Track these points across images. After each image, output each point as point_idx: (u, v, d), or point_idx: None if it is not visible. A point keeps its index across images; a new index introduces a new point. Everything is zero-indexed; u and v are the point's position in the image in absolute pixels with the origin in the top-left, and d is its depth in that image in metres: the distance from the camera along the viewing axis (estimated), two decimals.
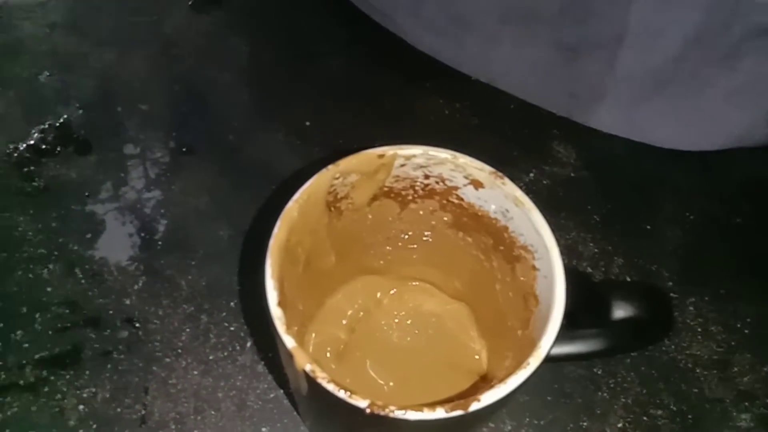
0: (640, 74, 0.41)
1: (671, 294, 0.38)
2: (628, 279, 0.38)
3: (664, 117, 0.43)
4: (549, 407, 0.34)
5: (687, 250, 0.39)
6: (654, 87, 0.42)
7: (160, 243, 0.38)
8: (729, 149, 0.43)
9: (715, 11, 0.37)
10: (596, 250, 0.39)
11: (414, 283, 0.34)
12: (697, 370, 0.35)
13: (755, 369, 0.36)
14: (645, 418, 0.34)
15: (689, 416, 0.34)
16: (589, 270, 0.38)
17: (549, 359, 0.29)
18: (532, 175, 0.42)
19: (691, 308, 0.37)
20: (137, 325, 0.35)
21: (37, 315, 0.35)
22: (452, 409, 0.21)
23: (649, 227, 0.40)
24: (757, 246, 0.40)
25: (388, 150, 0.27)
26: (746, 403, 0.35)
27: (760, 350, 0.36)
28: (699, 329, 0.37)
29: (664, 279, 0.38)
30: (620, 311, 0.29)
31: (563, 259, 0.38)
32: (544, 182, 0.42)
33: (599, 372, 0.35)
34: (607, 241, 0.39)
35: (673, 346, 0.36)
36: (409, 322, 0.33)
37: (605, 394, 0.34)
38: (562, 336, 0.29)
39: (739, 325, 0.37)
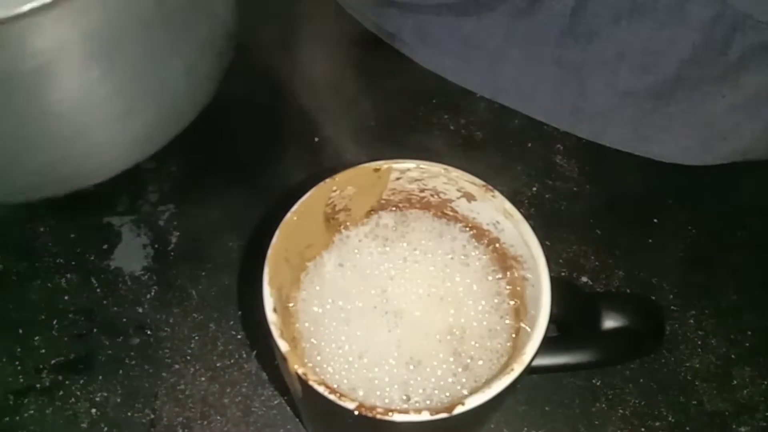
0: (641, 91, 0.42)
1: (672, 307, 0.38)
2: (629, 291, 0.38)
3: (667, 132, 0.43)
4: (547, 417, 0.34)
5: (688, 264, 0.40)
6: (655, 103, 0.42)
7: (172, 254, 0.40)
8: (731, 163, 0.43)
9: (713, 31, 0.38)
10: (597, 263, 0.39)
11: None
12: (697, 383, 0.36)
13: (755, 382, 0.36)
14: (643, 429, 0.34)
15: (687, 428, 0.34)
16: (590, 283, 0.39)
17: (544, 369, 0.30)
18: (535, 189, 0.43)
19: (692, 321, 0.38)
20: (149, 332, 0.37)
21: (55, 322, 0.37)
22: (437, 412, 0.22)
23: (650, 240, 0.40)
24: (758, 259, 0.40)
25: (383, 164, 0.28)
26: (745, 416, 0.35)
27: (760, 363, 0.36)
28: (699, 342, 0.37)
29: (665, 292, 0.39)
30: (613, 322, 0.30)
31: (564, 272, 0.39)
32: (547, 196, 0.42)
33: (598, 383, 0.35)
34: (608, 255, 0.40)
35: (672, 359, 0.36)
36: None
37: (603, 405, 0.35)
38: (558, 346, 0.30)
39: (739, 338, 0.37)
